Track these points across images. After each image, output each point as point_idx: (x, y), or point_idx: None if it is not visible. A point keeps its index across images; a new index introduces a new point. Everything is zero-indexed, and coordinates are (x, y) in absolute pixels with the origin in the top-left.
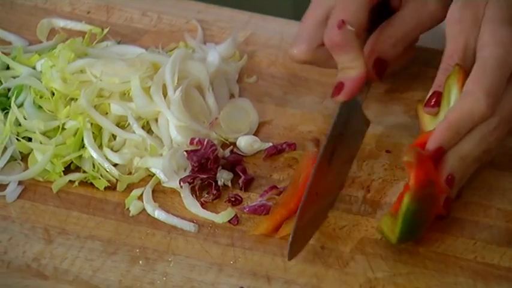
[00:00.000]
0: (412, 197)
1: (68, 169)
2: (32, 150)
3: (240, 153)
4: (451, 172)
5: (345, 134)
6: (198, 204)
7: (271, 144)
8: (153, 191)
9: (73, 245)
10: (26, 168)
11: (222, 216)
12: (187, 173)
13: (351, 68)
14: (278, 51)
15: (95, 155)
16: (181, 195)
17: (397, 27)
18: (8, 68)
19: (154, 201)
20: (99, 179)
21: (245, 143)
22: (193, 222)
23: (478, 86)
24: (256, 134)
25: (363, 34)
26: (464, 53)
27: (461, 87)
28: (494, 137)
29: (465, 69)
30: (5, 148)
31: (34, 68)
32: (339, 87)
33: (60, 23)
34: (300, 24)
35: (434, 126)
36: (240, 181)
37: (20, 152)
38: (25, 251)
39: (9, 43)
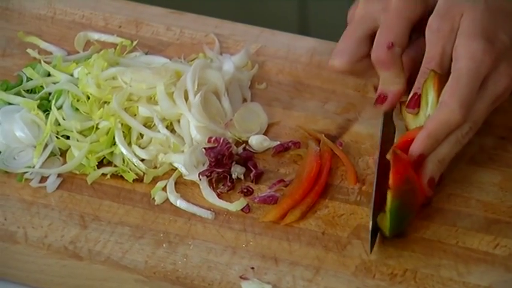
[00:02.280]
0: (394, 195)
1: (101, 163)
2: (69, 147)
3: (251, 150)
4: (431, 175)
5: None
6: (215, 195)
7: (278, 142)
8: (175, 183)
9: (105, 230)
10: (64, 162)
11: (236, 205)
12: (205, 167)
13: (394, 83)
14: (285, 61)
15: (124, 151)
16: (200, 187)
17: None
18: (49, 75)
19: (177, 192)
20: (128, 172)
21: (256, 141)
22: (210, 210)
23: (453, 97)
24: (265, 133)
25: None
26: (442, 59)
27: (436, 91)
28: (466, 139)
29: (440, 74)
30: (46, 145)
31: (72, 75)
32: (382, 98)
33: (95, 35)
34: (342, 38)
35: (416, 124)
36: (252, 175)
37: (59, 149)
38: (63, 235)
39: (50, 53)
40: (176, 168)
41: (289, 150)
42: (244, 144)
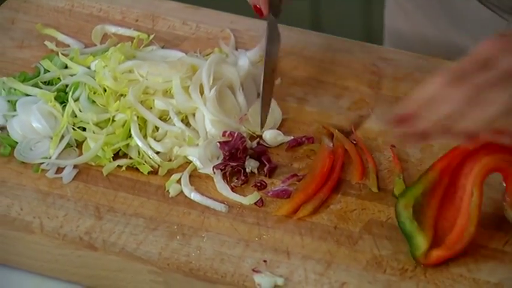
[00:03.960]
0: None
1: (116, 155)
2: (85, 138)
3: (265, 144)
4: None
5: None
6: (229, 188)
7: (292, 137)
8: (189, 176)
9: (120, 221)
10: (80, 154)
11: (249, 198)
12: (219, 161)
13: None
14: (299, 57)
15: (140, 144)
16: (214, 180)
17: None
18: (66, 67)
19: (191, 185)
20: (144, 164)
21: (270, 136)
22: (224, 203)
23: None
24: (279, 128)
25: None
26: None
27: None
28: None
29: None
30: (63, 136)
31: (89, 67)
32: (256, 9)
33: (112, 29)
34: None
35: None
36: (265, 169)
37: (76, 140)
38: (78, 226)
39: (68, 45)
40: (191, 162)
41: (302, 145)
42: (258, 139)
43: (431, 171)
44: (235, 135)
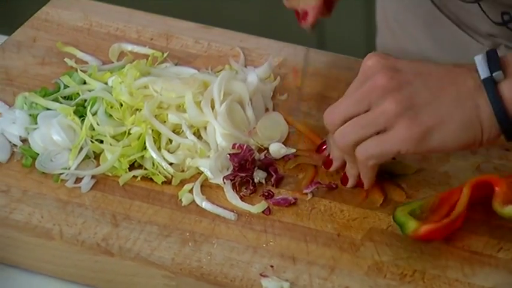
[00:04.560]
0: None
1: (132, 166)
2: (103, 150)
3: (271, 156)
4: None
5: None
6: (238, 198)
7: (294, 150)
8: (201, 186)
9: (135, 229)
10: (98, 165)
11: (257, 207)
12: (229, 172)
13: None
14: (305, 74)
15: (154, 156)
16: (224, 190)
17: None
18: (85, 83)
19: (202, 194)
20: (158, 175)
21: (274, 149)
22: (233, 212)
23: None
24: (285, 141)
25: None
26: None
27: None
28: None
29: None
30: (81, 148)
31: (106, 83)
32: (304, 16)
33: (128, 47)
34: None
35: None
36: (272, 179)
37: (93, 152)
38: (96, 233)
39: (86, 62)
40: (202, 172)
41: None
42: (265, 151)
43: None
44: (244, 147)
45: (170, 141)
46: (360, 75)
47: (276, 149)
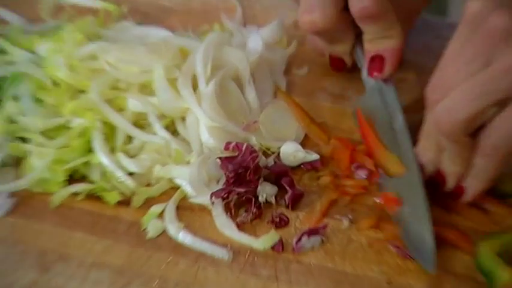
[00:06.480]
0: None
1: (71, 179)
2: (28, 154)
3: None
4: None
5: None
6: (234, 226)
7: (318, 156)
8: (177, 208)
9: (74, 275)
10: (20, 176)
11: (264, 240)
12: (220, 186)
13: (389, 37)
14: None
15: (105, 162)
16: (213, 214)
17: None
18: (2, 52)
19: (179, 221)
20: (110, 191)
21: (285, 152)
22: (226, 247)
23: None
24: (304, 141)
25: None
26: None
27: None
28: None
29: None
30: None
31: (34, 52)
32: (378, 62)
33: None
34: None
35: None
36: (286, 197)
37: (13, 156)
38: (14, 282)
39: (7, 22)
40: (179, 187)
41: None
42: (275, 155)
43: None
44: (244, 148)
45: (130, 139)
46: (463, 27)
47: (289, 152)
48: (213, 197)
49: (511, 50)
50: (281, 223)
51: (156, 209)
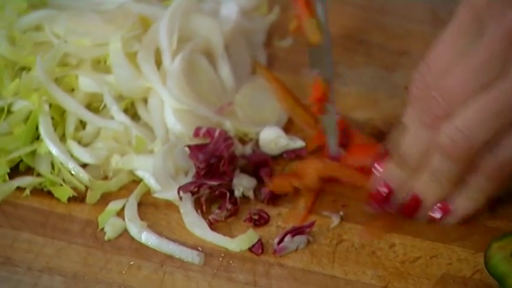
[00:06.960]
0: None
1: (15, 171)
2: None
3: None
4: None
5: None
6: (205, 224)
7: (303, 142)
8: (139, 205)
9: (22, 282)
10: None
11: (240, 241)
12: (189, 179)
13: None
14: (332, 2)
15: (54, 151)
16: (181, 211)
17: None
18: None
19: (141, 219)
20: (61, 185)
21: (265, 138)
22: (197, 249)
23: None
24: (287, 125)
25: None
26: None
27: None
28: None
29: None
30: None
31: None
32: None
33: None
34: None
35: None
36: (265, 191)
37: None
38: None
39: None
40: (141, 180)
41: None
42: (253, 142)
43: None
44: (216, 134)
45: (83, 125)
46: (462, 19)
47: (269, 138)
48: (181, 192)
49: None
50: (260, 221)
51: (114, 205)
